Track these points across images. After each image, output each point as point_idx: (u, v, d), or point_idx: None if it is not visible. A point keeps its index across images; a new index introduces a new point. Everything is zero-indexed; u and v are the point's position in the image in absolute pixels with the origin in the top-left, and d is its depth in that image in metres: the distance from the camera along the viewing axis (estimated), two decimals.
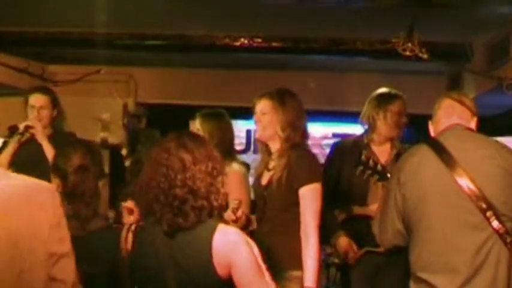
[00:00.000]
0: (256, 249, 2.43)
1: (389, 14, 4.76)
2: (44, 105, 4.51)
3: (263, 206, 3.50)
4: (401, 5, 4.56)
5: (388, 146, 3.97)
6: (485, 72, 5.34)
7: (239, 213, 3.40)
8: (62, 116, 4.70)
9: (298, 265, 3.32)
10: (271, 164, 3.53)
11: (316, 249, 3.32)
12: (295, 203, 3.37)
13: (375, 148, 3.95)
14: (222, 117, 3.98)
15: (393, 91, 4.03)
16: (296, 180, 3.37)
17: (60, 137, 4.49)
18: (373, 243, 3.83)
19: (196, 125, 3.97)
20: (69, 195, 2.79)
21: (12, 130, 4.40)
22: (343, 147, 4.06)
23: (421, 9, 4.59)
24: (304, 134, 3.54)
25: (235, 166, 3.78)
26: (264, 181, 3.54)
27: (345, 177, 3.92)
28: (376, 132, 3.94)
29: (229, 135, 3.96)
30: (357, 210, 3.95)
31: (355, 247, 3.89)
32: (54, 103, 4.58)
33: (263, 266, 2.43)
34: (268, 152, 3.59)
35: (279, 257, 3.36)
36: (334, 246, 3.94)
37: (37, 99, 4.52)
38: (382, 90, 4.04)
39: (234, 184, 3.49)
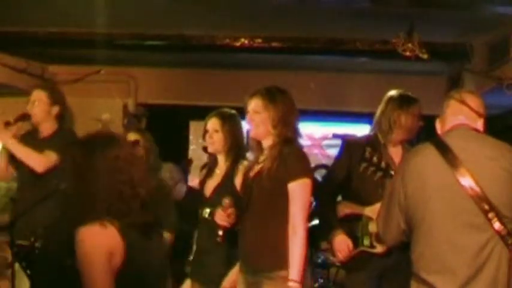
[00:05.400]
0: None
1: (389, 14, 4.76)
2: (38, 99, 4.46)
3: (248, 198, 3.51)
4: (401, 6, 4.57)
5: (400, 147, 3.98)
6: (485, 72, 5.35)
7: (229, 211, 3.52)
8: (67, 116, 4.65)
9: (284, 264, 3.30)
10: (261, 158, 3.54)
11: (303, 242, 3.31)
12: (281, 196, 3.35)
13: (391, 149, 3.95)
14: (236, 118, 4.05)
15: (409, 94, 4.04)
16: (287, 173, 3.36)
17: (63, 134, 4.46)
18: (367, 243, 3.86)
19: (213, 126, 3.98)
20: None
21: (24, 116, 4.38)
22: (355, 146, 4.02)
23: (421, 10, 4.60)
24: (296, 131, 3.53)
25: (246, 164, 3.89)
26: (252, 173, 3.55)
27: (358, 175, 3.89)
28: (395, 132, 3.93)
29: (243, 136, 4.04)
30: (355, 209, 3.94)
31: (351, 246, 3.89)
32: (53, 99, 4.51)
33: None
34: (260, 149, 3.60)
35: (263, 257, 3.37)
36: (331, 243, 3.94)
37: (33, 95, 4.50)
38: (400, 92, 4.03)
39: None
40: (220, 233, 3.58)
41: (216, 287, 3.81)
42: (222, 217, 3.57)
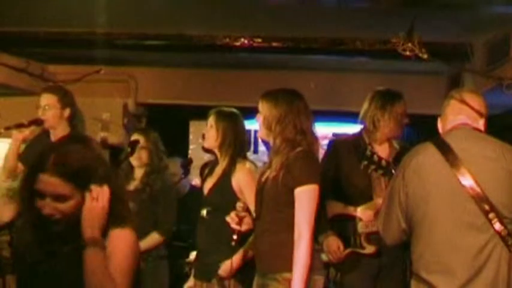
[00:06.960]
0: None
1: (389, 14, 4.76)
2: (48, 104, 4.39)
3: (259, 204, 3.51)
4: (401, 5, 4.57)
5: (387, 145, 3.98)
6: (485, 72, 5.34)
7: (242, 214, 3.48)
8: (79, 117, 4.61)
9: (290, 267, 3.30)
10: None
11: (307, 251, 3.26)
12: (289, 204, 3.34)
13: (377, 147, 3.95)
14: (237, 117, 4.07)
15: (394, 90, 4.02)
16: (292, 180, 3.33)
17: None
18: (357, 243, 3.85)
19: (210, 122, 4.03)
20: None
21: (37, 121, 4.34)
22: (341, 145, 4.05)
23: (421, 9, 4.59)
24: (304, 132, 3.49)
25: (247, 164, 3.96)
26: (263, 178, 3.55)
27: (345, 175, 3.90)
28: (379, 131, 3.93)
29: (243, 135, 4.07)
30: (344, 209, 3.94)
31: (342, 247, 3.88)
32: (64, 103, 4.44)
33: None
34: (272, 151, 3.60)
35: (270, 259, 3.39)
36: (322, 244, 3.93)
37: (42, 99, 4.44)
38: (383, 89, 4.03)
39: (248, 180, 3.76)
40: (235, 236, 3.50)
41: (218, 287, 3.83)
42: (234, 220, 3.50)
